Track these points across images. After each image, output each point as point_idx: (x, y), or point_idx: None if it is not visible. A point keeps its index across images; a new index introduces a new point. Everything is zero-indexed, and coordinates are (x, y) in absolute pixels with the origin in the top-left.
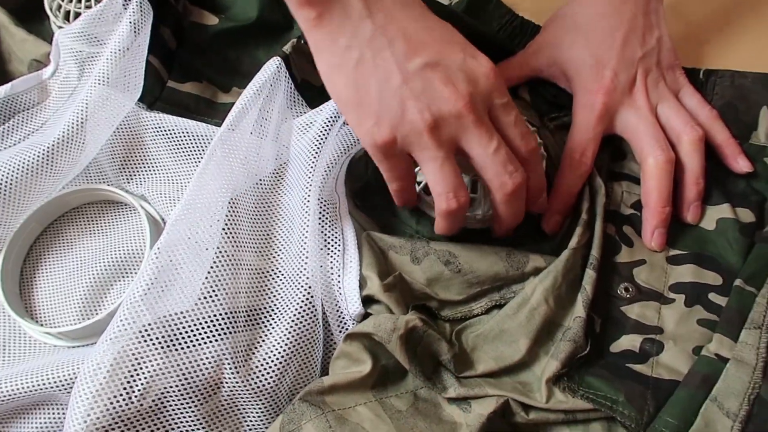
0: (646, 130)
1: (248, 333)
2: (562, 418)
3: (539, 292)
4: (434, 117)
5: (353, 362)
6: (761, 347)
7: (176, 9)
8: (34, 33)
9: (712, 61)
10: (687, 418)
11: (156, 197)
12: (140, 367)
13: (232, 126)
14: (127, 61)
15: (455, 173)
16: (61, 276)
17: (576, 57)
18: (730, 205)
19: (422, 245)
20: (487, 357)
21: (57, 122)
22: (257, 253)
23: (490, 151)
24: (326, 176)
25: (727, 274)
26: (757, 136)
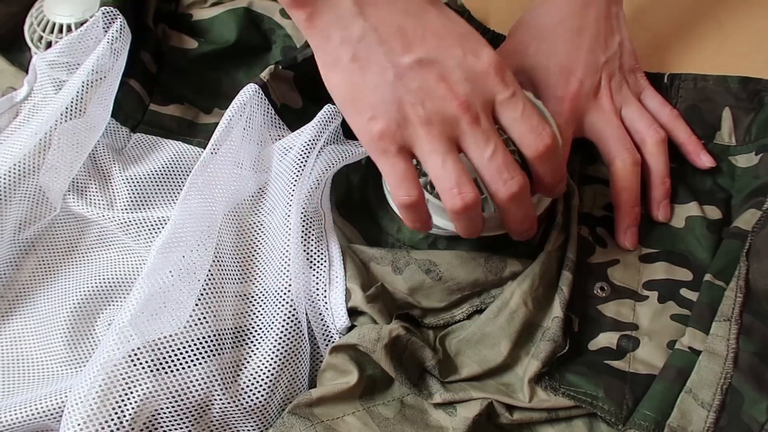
0: (612, 134)
1: (235, 353)
2: (545, 416)
3: (518, 295)
4: (429, 113)
5: (340, 374)
6: (731, 338)
7: (155, 34)
8: (16, 64)
9: (674, 66)
10: (664, 411)
11: (141, 220)
12: (130, 391)
13: (213, 151)
14: (105, 87)
15: (460, 168)
16: (46, 302)
17: (541, 64)
18: (697, 203)
19: (403, 255)
20: (471, 361)
21: (12, 146)
22: (240, 274)
23: (486, 156)
24: (310, 195)
25: (697, 270)
26: (720, 136)
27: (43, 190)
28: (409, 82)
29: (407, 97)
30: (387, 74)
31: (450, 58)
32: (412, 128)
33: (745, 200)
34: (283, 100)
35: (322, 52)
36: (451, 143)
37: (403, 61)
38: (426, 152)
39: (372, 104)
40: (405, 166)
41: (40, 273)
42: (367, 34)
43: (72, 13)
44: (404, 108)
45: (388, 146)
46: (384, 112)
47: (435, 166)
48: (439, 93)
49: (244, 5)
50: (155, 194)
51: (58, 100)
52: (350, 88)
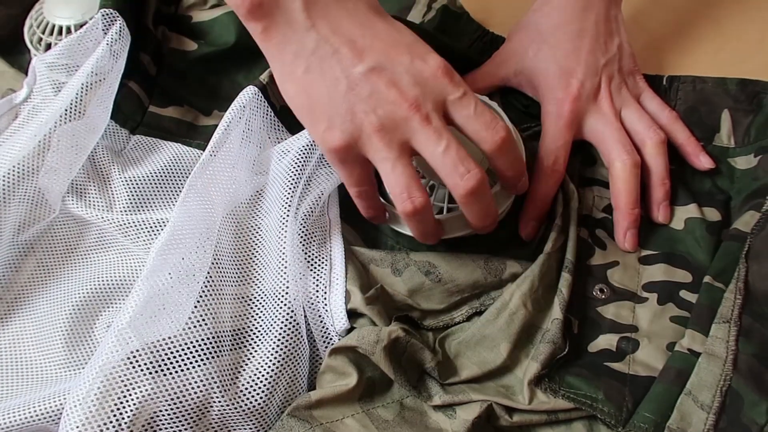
0: (612, 135)
1: (234, 355)
2: (545, 419)
3: (517, 297)
4: (381, 120)
5: (339, 376)
6: (731, 340)
7: (155, 36)
8: (15, 66)
9: (672, 68)
10: (664, 413)
11: (140, 222)
12: (129, 393)
13: (212, 153)
14: (104, 89)
15: (408, 173)
16: (45, 304)
17: (541, 66)
18: (697, 205)
19: (402, 257)
20: (470, 363)
21: (12, 147)
22: (238, 277)
23: (440, 151)
24: (314, 201)
25: (696, 272)
26: (720, 138)
27: (42, 191)
28: (361, 91)
29: (360, 105)
30: (340, 85)
31: (399, 65)
32: (365, 137)
33: (744, 202)
34: (282, 103)
35: (279, 63)
36: (402, 149)
37: (355, 71)
38: (378, 160)
39: (327, 115)
40: (363, 169)
41: (39, 275)
42: (320, 46)
43: (71, 15)
44: (357, 117)
45: (345, 156)
46: (339, 123)
47: (386, 172)
48: (390, 98)
49: None
50: (154, 196)
51: (58, 101)
52: (306, 99)
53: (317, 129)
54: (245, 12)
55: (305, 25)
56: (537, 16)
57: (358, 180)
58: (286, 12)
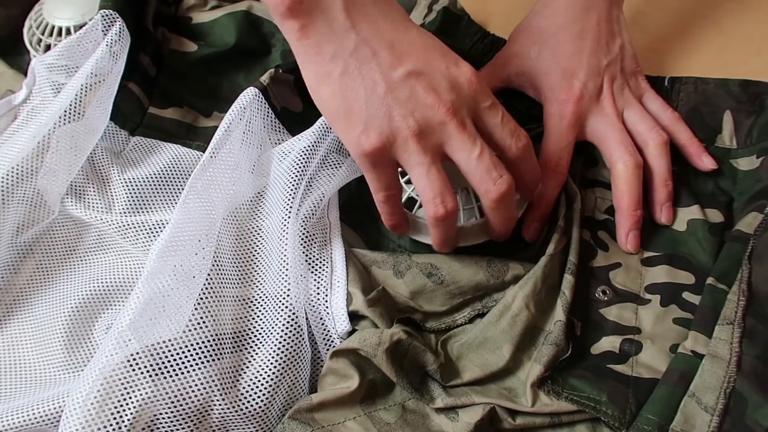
0: (614, 136)
1: (234, 357)
2: (548, 421)
3: (520, 299)
4: (419, 124)
5: (341, 378)
6: (734, 342)
7: (155, 37)
8: (15, 67)
9: (674, 69)
10: (667, 415)
11: (139, 223)
12: (129, 395)
13: (212, 155)
14: (104, 90)
15: (441, 179)
16: (44, 306)
17: (543, 67)
18: (699, 206)
19: (404, 259)
20: (473, 365)
21: (11, 148)
22: (239, 278)
23: (474, 156)
24: (314, 203)
25: (699, 273)
26: (722, 139)
27: (41, 193)
28: (400, 94)
29: (398, 108)
30: (379, 88)
31: (436, 70)
32: (401, 141)
33: (746, 203)
34: (283, 104)
35: (314, 64)
36: (435, 154)
37: (395, 75)
38: (412, 164)
39: (364, 118)
40: (391, 174)
41: (38, 276)
42: (359, 48)
43: (71, 16)
44: (395, 120)
45: (379, 159)
46: (376, 127)
47: (420, 176)
48: (428, 102)
49: (244, 8)
50: (154, 197)
51: (57, 103)
52: (342, 102)
53: (352, 132)
54: (284, 9)
55: (345, 25)
56: (538, 17)
57: (387, 184)
58: (326, 11)
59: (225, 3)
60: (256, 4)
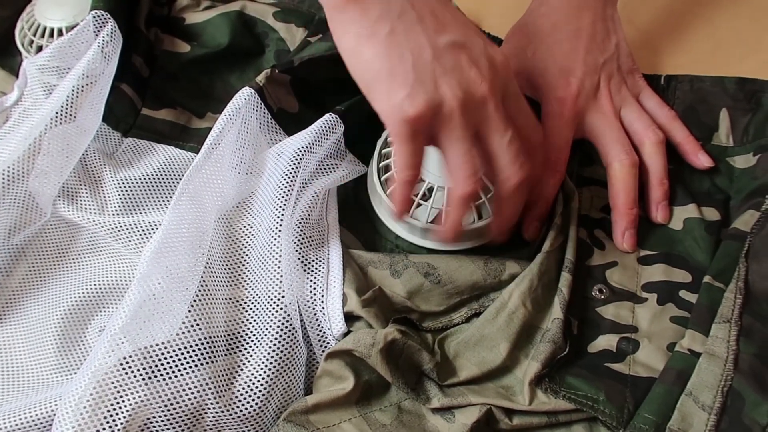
0: (611, 135)
1: (229, 359)
2: (545, 421)
3: (516, 296)
4: (465, 96)
5: (336, 380)
6: (731, 340)
7: (148, 38)
8: (6, 68)
9: (668, 68)
10: (664, 414)
11: (132, 225)
12: (122, 398)
13: (206, 156)
14: (96, 92)
15: (478, 160)
16: (36, 308)
17: (540, 66)
18: (695, 205)
19: (401, 258)
20: (470, 363)
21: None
22: (230, 279)
23: (506, 140)
24: (309, 204)
25: (695, 272)
26: (718, 137)
27: (32, 195)
28: (446, 62)
29: (444, 77)
30: (425, 52)
31: (476, 46)
32: (447, 111)
33: (743, 201)
34: (279, 105)
35: (357, 26)
36: (473, 132)
37: (440, 41)
38: (454, 138)
39: (410, 81)
40: (422, 150)
41: (31, 279)
42: (406, 11)
43: (63, 17)
44: (441, 88)
45: (420, 128)
46: (423, 92)
47: (461, 152)
48: (471, 75)
49: (237, 9)
50: (147, 199)
51: (49, 104)
52: (386, 62)
53: (396, 96)
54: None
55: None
56: (534, 16)
57: (415, 162)
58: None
59: (218, 3)
60: (250, 4)
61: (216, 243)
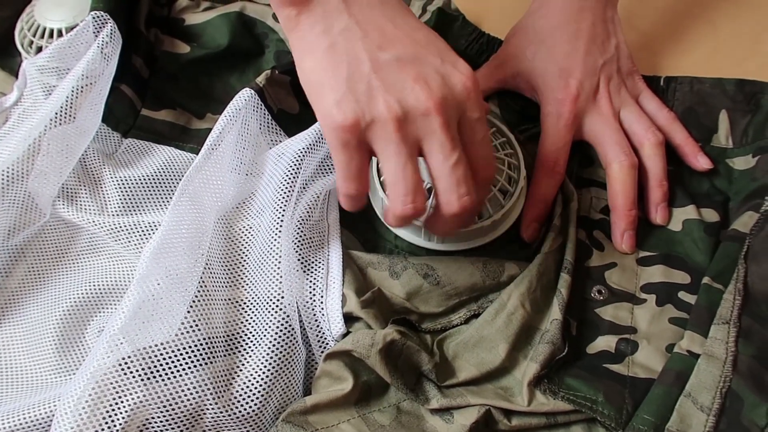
0: (610, 136)
1: (227, 360)
2: (543, 422)
3: (515, 297)
4: (402, 109)
5: (335, 380)
6: (730, 341)
7: (148, 39)
8: (6, 69)
9: (668, 70)
10: (663, 415)
11: (131, 225)
12: (121, 399)
13: (205, 157)
14: (95, 92)
15: (417, 178)
16: (36, 309)
17: (540, 67)
18: (695, 206)
19: (400, 260)
20: (468, 364)
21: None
22: (229, 280)
23: (450, 163)
24: (310, 205)
25: (694, 273)
26: (717, 139)
27: (32, 196)
28: (386, 76)
29: (381, 90)
30: (363, 65)
31: (428, 64)
32: (380, 122)
33: (742, 203)
34: (280, 106)
35: (302, 42)
36: (414, 148)
37: (382, 56)
38: (389, 153)
39: (342, 90)
40: (362, 162)
41: (30, 280)
42: (350, 27)
43: (63, 17)
44: (377, 100)
45: (351, 138)
46: (355, 102)
47: (395, 168)
48: (415, 90)
49: (237, 9)
50: (146, 199)
51: (48, 105)
52: (322, 74)
53: (325, 102)
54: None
55: (339, 7)
56: (534, 18)
57: (356, 173)
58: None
59: (218, 4)
60: (249, 5)
61: (215, 243)
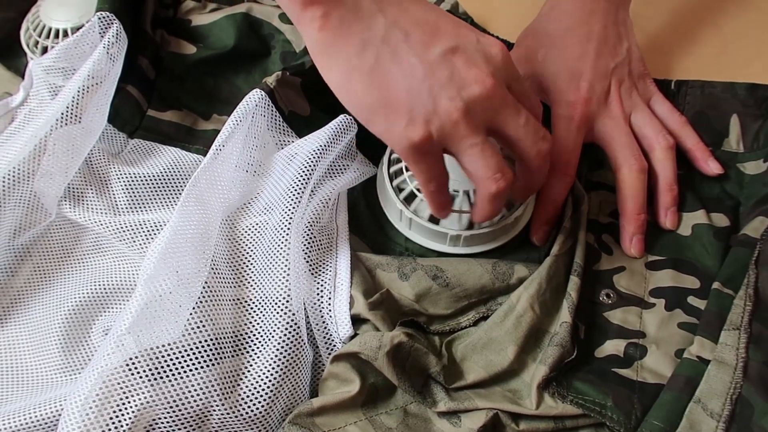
0: (620, 140)
1: (234, 361)
2: (552, 426)
3: (524, 299)
4: (465, 102)
5: (342, 382)
6: (740, 348)
7: (154, 39)
8: (12, 69)
9: (674, 72)
10: (672, 421)
11: (137, 225)
12: (128, 399)
13: (214, 157)
14: (101, 93)
15: (497, 153)
16: (41, 309)
17: (551, 70)
18: (704, 211)
19: (409, 261)
20: (477, 366)
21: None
22: (235, 279)
23: (522, 123)
24: (319, 208)
25: (704, 278)
26: (728, 143)
27: (38, 196)
28: (441, 73)
29: (442, 90)
30: (417, 71)
31: (469, 44)
32: (450, 126)
33: (753, 208)
34: (290, 107)
35: (341, 59)
36: (484, 132)
37: (431, 54)
38: (465, 146)
39: (407, 108)
40: (439, 161)
41: (35, 279)
42: (390, 31)
43: (68, 18)
44: (440, 103)
45: (428, 149)
46: (422, 114)
47: (475, 158)
48: (471, 77)
49: (243, 10)
50: (152, 199)
51: (54, 105)
52: (379, 95)
53: (397, 127)
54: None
55: (372, 8)
56: (545, 20)
57: (438, 173)
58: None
59: (224, 5)
60: (256, 6)
61: (221, 242)
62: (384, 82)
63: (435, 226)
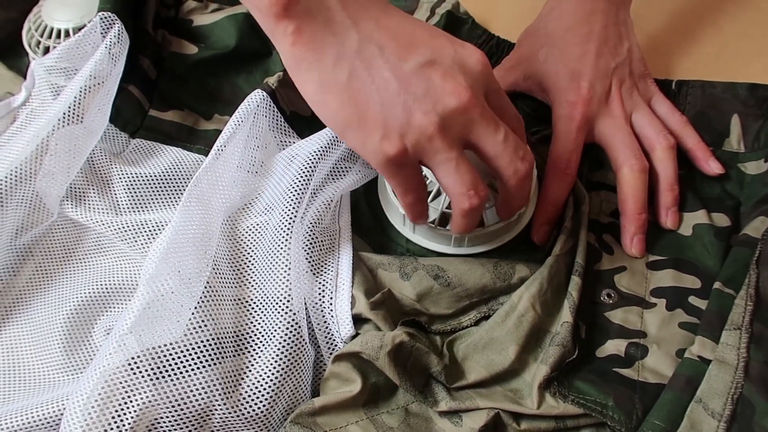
0: (621, 139)
1: (236, 361)
2: (553, 426)
3: (526, 299)
4: (441, 116)
5: (343, 382)
6: (742, 347)
7: (156, 39)
8: (14, 69)
9: (674, 72)
10: (674, 420)
11: (138, 225)
12: (130, 399)
13: (215, 157)
14: (103, 93)
15: (471, 169)
16: (43, 308)
17: (552, 70)
18: (705, 211)
19: (410, 261)
20: (478, 366)
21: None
22: (236, 279)
23: (500, 139)
24: (321, 209)
25: (705, 278)
26: (729, 143)
27: (39, 195)
28: (416, 89)
29: (417, 104)
30: (391, 85)
31: (446, 56)
32: (425, 140)
33: (754, 207)
34: (292, 108)
35: (315, 73)
36: (460, 146)
37: (406, 67)
38: (439, 161)
39: (382, 122)
40: (416, 173)
41: (37, 279)
42: (364, 45)
43: (70, 18)
44: (415, 116)
45: (403, 162)
46: (397, 128)
47: (449, 172)
48: (447, 90)
49: (245, 11)
50: (153, 199)
51: (56, 105)
52: (353, 109)
53: (371, 141)
54: (279, 10)
55: (346, 23)
56: (546, 20)
57: (415, 185)
58: (323, 10)
59: (225, 5)
60: None
61: (223, 242)
62: (358, 96)
63: (440, 227)
